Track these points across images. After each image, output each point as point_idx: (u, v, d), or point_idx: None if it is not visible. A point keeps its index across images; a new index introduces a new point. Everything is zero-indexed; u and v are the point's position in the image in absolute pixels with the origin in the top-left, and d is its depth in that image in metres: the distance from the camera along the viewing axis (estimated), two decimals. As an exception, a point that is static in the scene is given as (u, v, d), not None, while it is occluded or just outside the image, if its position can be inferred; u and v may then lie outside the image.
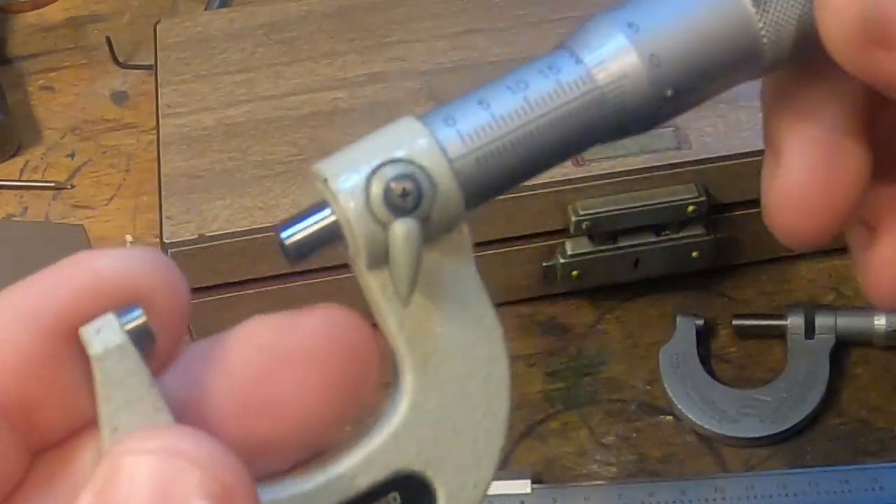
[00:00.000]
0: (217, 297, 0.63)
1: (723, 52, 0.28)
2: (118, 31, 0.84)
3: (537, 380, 0.65)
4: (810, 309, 0.64)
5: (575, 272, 0.65)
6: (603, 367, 0.65)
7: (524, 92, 0.28)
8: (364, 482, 0.27)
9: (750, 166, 0.64)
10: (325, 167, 0.27)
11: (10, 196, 0.76)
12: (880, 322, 0.64)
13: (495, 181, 0.28)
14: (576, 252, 0.65)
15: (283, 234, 0.27)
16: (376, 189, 0.26)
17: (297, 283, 0.64)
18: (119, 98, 0.81)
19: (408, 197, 0.26)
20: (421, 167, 0.27)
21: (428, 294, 0.28)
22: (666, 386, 0.63)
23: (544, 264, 0.66)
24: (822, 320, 0.64)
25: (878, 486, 0.59)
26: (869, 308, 0.65)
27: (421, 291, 0.27)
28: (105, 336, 0.25)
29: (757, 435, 0.61)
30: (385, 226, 0.26)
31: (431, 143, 0.27)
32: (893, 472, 0.59)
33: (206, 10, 0.84)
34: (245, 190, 0.63)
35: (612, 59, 0.28)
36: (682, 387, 0.63)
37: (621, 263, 0.65)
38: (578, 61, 0.28)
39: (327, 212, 0.27)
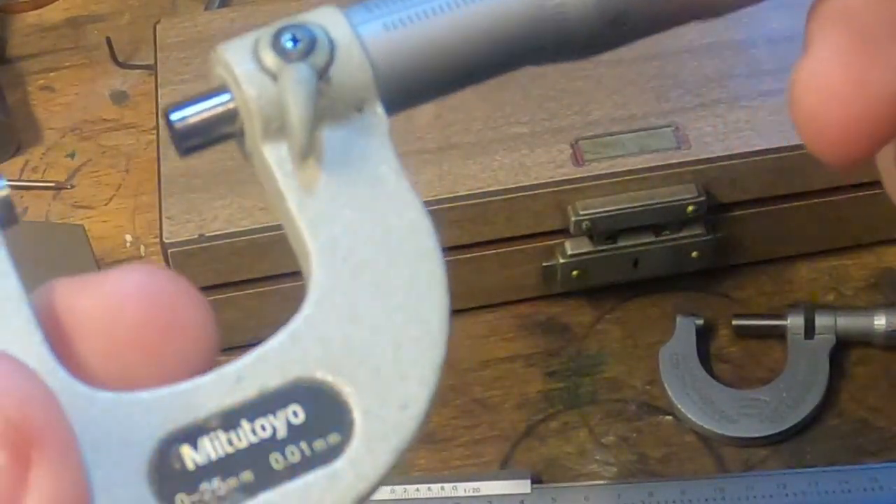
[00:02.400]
0: (217, 296, 0.63)
1: None
2: (118, 31, 0.84)
3: (537, 380, 0.65)
4: (810, 309, 0.64)
5: (575, 272, 0.65)
6: (603, 367, 0.65)
7: None
8: (252, 386, 0.23)
9: (750, 166, 0.64)
10: (221, 45, 0.25)
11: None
12: (880, 322, 0.64)
13: (408, 57, 0.25)
14: (576, 252, 0.65)
15: (173, 116, 0.24)
16: (264, 43, 0.25)
17: (297, 283, 0.64)
18: (119, 98, 0.81)
19: (298, 43, 0.24)
20: (317, 24, 0.25)
21: (334, 173, 0.24)
22: (666, 386, 0.63)
23: (544, 264, 0.66)
24: (822, 320, 0.64)
25: (878, 486, 0.59)
26: (869, 308, 0.65)
27: (327, 169, 0.24)
28: None
29: (756, 435, 0.61)
30: (275, 77, 0.24)
31: (332, 9, 0.25)
32: (893, 472, 0.59)
33: (206, 10, 0.84)
34: (245, 190, 0.63)
35: None
36: (682, 387, 0.63)
37: (621, 263, 0.65)
38: None
39: (224, 96, 0.24)
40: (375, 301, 0.24)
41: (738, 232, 0.67)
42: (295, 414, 0.23)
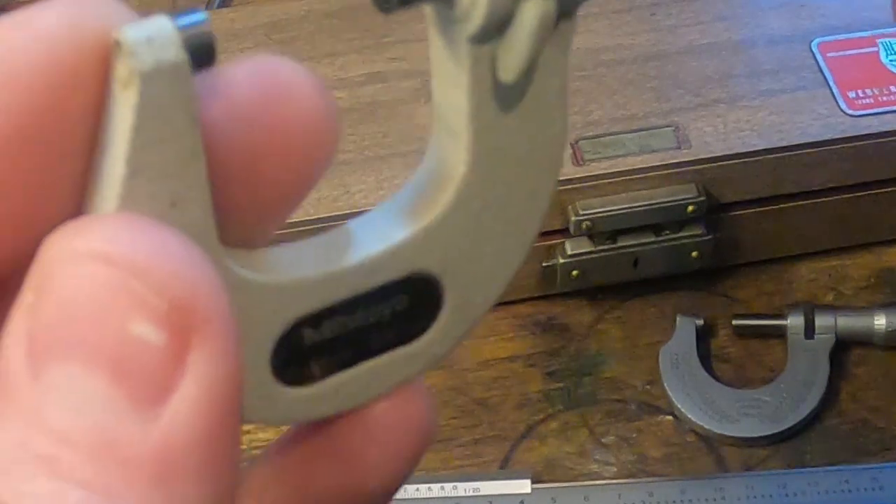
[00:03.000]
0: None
1: None
2: (118, 31, 0.84)
3: (537, 380, 0.65)
4: (810, 309, 0.64)
5: (574, 272, 0.65)
6: (603, 367, 0.65)
7: None
8: (380, 279, 0.24)
9: (750, 166, 0.64)
10: None
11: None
12: (880, 322, 0.64)
13: None
14: (575, 252, 0.65)
15: None
16: None
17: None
18: (119, 98, 0.81)
19: None
20: None
21: (517, 83, 0.24)
22: (666, 386, 0.63)
23: (544, 264, 0.66)
24: (822, 320, 0.64)
25: (878, 486, 0.59)
26: (869, 308, 0.65)
27: (513, 70, 0.24)
28: (158, 48, 0.19)
29: (757, 435, 0.61)
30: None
31: None
32: (893, 472, 0.59)
33: (206, 9, 0.84)
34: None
35: None
36: (682, 387, 0.63)
37: (621, 263, 0.65)
38: None
39: None
40: (501, 212, 0.24)
41: (738, 232, 0.67)
42: (401, 301, 0.24)
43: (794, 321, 0.64)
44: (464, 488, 0.59)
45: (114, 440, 0.18)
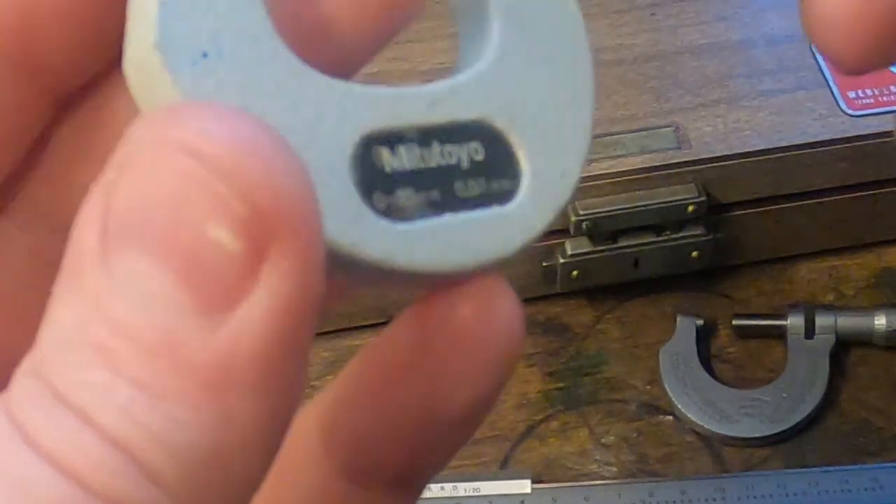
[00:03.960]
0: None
1: None
2: (118, 32, 0.84)
3: (537, 380, 0.65)
4: (810, 309, 0.64)
5: (575, 272, 0.65)
6: (603, 367, 0.65)
7: None
8: (445, 113, 0.23)
9: (750, 166, 0.64)
10: None
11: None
12: (880, 322, 0.64)
13: None
14: (575, 252, 0.65)
15: None
16: None
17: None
18: (119, 98, 0.81)
19: None
20: None
21: None
22: (666, 386, 0.63)
23: (544, 264, 0.66)
24: (822, 320, 0.64)
25: (878, 486, 0.59)
26: (869, 308, 0.65)
27: None
28: None
29: (757, 435, 0.61)
30: None
31: None
32: (893, 472, 0.59)
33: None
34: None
35: None
36: (682, 387, 0.63)
37: (621, 263, 0.65)
38: None
39: None
40: (547, 73, 0.25)
41: (738, 232, 0.67)
42: (476, 151, 0.24)
43: (794, 321, 0.64)
44: (464, 488, 0.59)
45: (174, 342, 0.18)
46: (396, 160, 0.23)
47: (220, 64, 0.20)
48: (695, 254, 0.66)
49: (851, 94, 0.65)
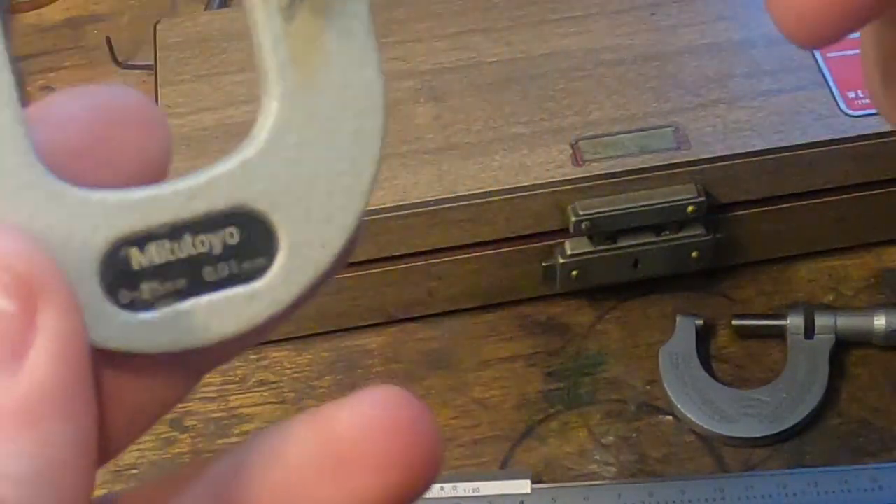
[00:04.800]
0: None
1: None
2: (118, 31, 0.84)
3: (537, 380, 0.65)
4: (810, 309, 0.64)
5: (574, 272, 0.65)
6: (603, 367, 0.65)
7: None
8: (201, 206, 0.25)
9: (750, 166, 0.64)
10: None
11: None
12: (880, 322, 0.64)
13: None
14: (575, 252, 0.65)
15: None
16: None
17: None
18: (119, 98, 0.81)
19: None
20: None
21: (312, 20, 0.26)
22: (666, 386, 0.63)
23: (544, 264, 0.66)
24: (821, 320, 0.64)
25: (878, 486, 0.59)
26: (869, 308, 0.65)
27: (305, 14, 0.26)
28: None
29: (757, 435, 0.61)
30: None
31: None
32: (893, 472, 0.59)
33: (206, 10, 0.84)
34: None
35: None
36: (682, 387, 0.63)
37: (621, 263, 0.65)
38: None
39: None
40: (322, 147, 0.26)
41: (738, 232, 0.67)
42: (231, 235, 0.25)
43: (794, 321, 0.64)
44: (464, 488, 0.59)
45: None
46: (145, 257, 0.25)
47: None
48: (694, 254, 0.66)
49: (851, 94, 0.65)
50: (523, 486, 0.59)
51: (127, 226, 0.25)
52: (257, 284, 0.26)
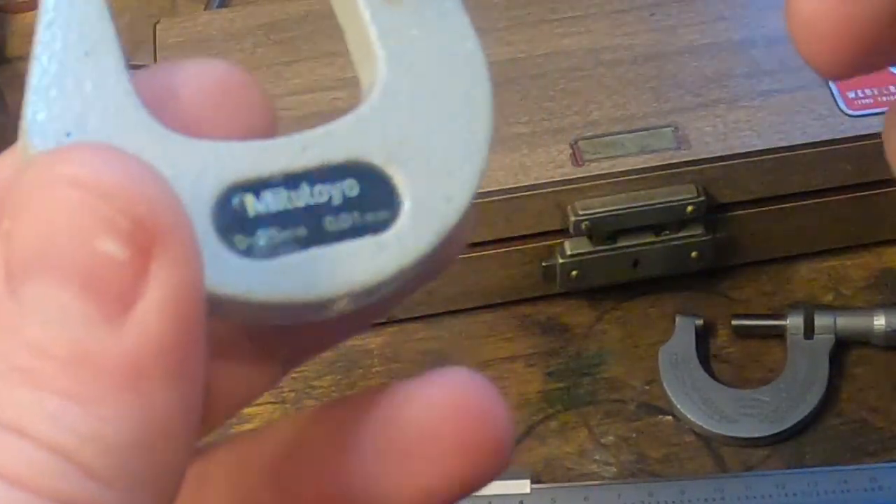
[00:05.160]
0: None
1: None
2: (118, 31, 0.84)
3: (537, 380, 0.65)
4: (810, 309, 0.64)
5: (574, 272, 0.65)
6: (602, 367, 0.65)
7: None
8: (316, 156, 0.25)
9: (750, 166, 0.64)
10: None
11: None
12: (880, 322, 0.64)
13: None
14: (575, 252, 0.65)
15: None
16: None
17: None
18: (119, 98, 0.81)
19: None
20: None
21: None
22: (665, 386, 0.63)
23: (543, 264, 0.66)
24: (821, 320, 0.64)
25: (877, 486, 0.59)
26: (868, 308, 0.65)
27: None
28: None
29: (756, 435, 0.61)
30: None
31: None
32: (893, 472, 0.59)
33: (205, 10, 0.84)
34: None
35: None
36: (682, 387, 0.63)
37: (621, 263, 0.65)
38: None
39: None
40: (433, 107, 0.26)
41: (738, 232, 0.67)
42: (351, 187, 0.25)
43: (794, 321, 0.64)
44: (463, 488, 0.59)
45: (87, 350, 0.20)
46: (261, 204, 0.24)
47: (84, 139, 0.23)
48: (694, 254, 0.66)
49: (851, 95, 0.65)
50: (523, 486, 0.59)
51: (240, 171, 0.24)
52: (384, 235, 0.25)
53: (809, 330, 0.64)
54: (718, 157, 0.63)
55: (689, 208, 0.63)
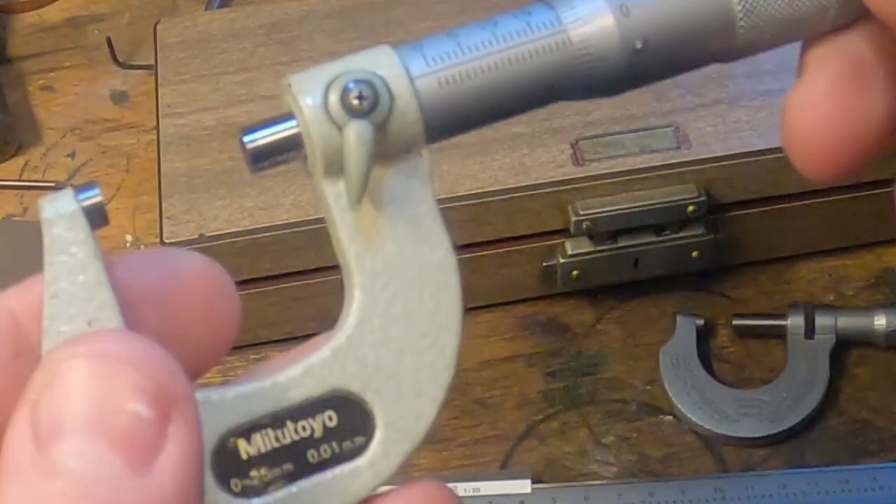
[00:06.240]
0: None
1: (695, 17, 0.30)
2: (118, 31, 0.84)
3: (537, 380, 0.65)
4: (810, 309, 0.64)
5: (575, 272, 0.65)
6: (603, 367, 0.65)
7: (492, 28, 0.29)
8: (298, 394, 0.27)
9: (750, 166, 0.64)
10: (294, 77, 0.28)
11: (10, 196, 0.76)
12: (880, 322, 0.64)
13: (457, 108, 0.28)
14: (576, 252, 0.65)
15: (246, 139, 0.28)
16: (334, 94, 0.27)
17: (297, 283, 0.64)
18: (119, 98, 0.81)
19: (364, 101, 0.27)
20: (380, 77, 0.27)
21: (381, 210, 0.28)
22: (666, 386, 0.63)
23: (544, 264, 0.66)
24: (822, 320, 0.64)
25: (878, 486, 0.59)
26: (869, 308, 0.65)
27: (374, 205, 0.28)
28: (58, 204, 0.26)
29: (757, 435, 0.61)
30: (340, 128, 0.27)
31: (393, 59, 0.28)
32: (893, 472, 0.59)
33: (206, 10, 0.84)
34: (245, 190, 0.63)
35: (582, 4, 0.29)
36: (682, 387, 0.63)
37: (621, 263, 0.65)
38: (550, 7, 0.29)
39: (291, 122, 0.27)
40: (404, 328, 0.28)
41: (738, 232, 0.67)
42: (330, 418, 0.27)
43: (794, 321, 0.64)
44: (464, 488, 0.59)
45: (119, 497, 0.23)
46: (252, 446, 0.27)
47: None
48: (695, 254, 0.66)
49: (851, 94, 0.65)
50: (523, 486, 0.59)
51: (232, 420, 0.27)
52: (359, 461, 0.28)
53: (810, 330, 0.64)
54: (719, 157, 0.63)
55: (690, 208, 0.63)
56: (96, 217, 0.26)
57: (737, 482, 0.59)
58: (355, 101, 0.27)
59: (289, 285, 0.64)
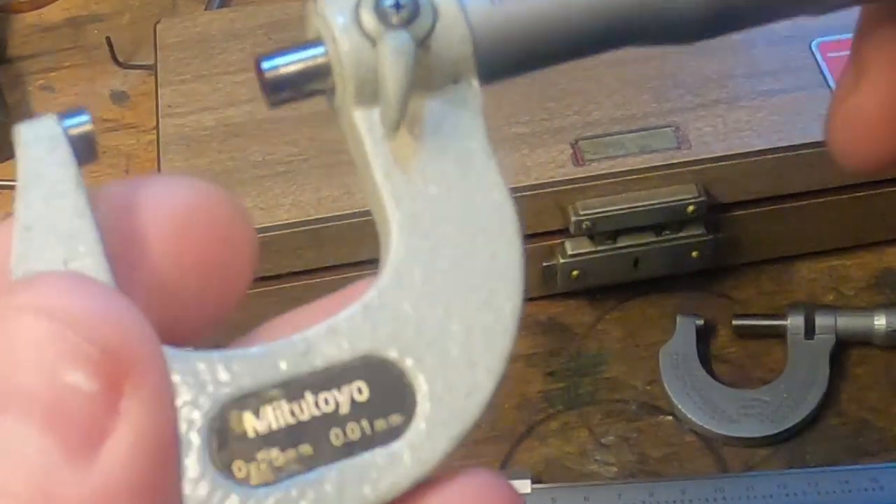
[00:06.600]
0: (217, 297, 0.63)
1: None
2: (118, 31, 0.84)
3: (537, 380, 0.65)
4: (810, 309, 0.64)
5: (575, 272, 0.65)
6: (603, 367, 0.65)
7: None
8: (321, 360, 0.22)
9: (750, 166, 0.64)
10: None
11: (11, 196, 0.76)
12: (880, 322, 0.64)
13: (511, 35, 0.24)
14: (576, 252, 0.65)
15: (265, 65, 0.23)
16: (367, 6, 0.23)
17: (298, 283, 0.64)
18: (119, 98, 0.81)
19: (401, 9, 0.23)
20: None
21: (424, 144, 0.23)
22: (666, 386, 0.63)
23: (544, 264, 0.66)
24: (822, 320, 0.64)
25: (878, 486, 0.59)
26: (869, 308, 0.65)
27: (416, 139, 0.23)
28: (39, 126, 0.22)
29: (757, 435, 0.61)
30: (374, 42, 0.23)
31: None
32: (893, 472, 0.59)
33: (206, 10, 0.84)
34: (245, 190, 0.63)
35: None
36: (682, 387, 0.63)
37: (621, 263, 0.65)
38: None
39: (318, 48, 0.23)
40: (452, 282, 0.23)
41: (738, 232, 0.67)
42: (359, 390, 0.22)
43: (794, 321, 0.64)
44: (464, 488, 0.59)
45: (50, 490, 0.18)
46: (261, 423, 0.21)
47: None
48: (695, 254, 0.66)
49: (851, 94, 0.65)
50: (523, 486, 0.59)
51: (237, 386, 0.21)
52: (396, 445, 0.22)
53: (810, 330, 0.64)
54: (718, 157, 0.63)
55: (690, 208, 0.63)
56: (84, 149, 0.22)
57: (737, 482, 0.59)
58: (391, 9, 0.23)
59: (289, 285, 0.64)
